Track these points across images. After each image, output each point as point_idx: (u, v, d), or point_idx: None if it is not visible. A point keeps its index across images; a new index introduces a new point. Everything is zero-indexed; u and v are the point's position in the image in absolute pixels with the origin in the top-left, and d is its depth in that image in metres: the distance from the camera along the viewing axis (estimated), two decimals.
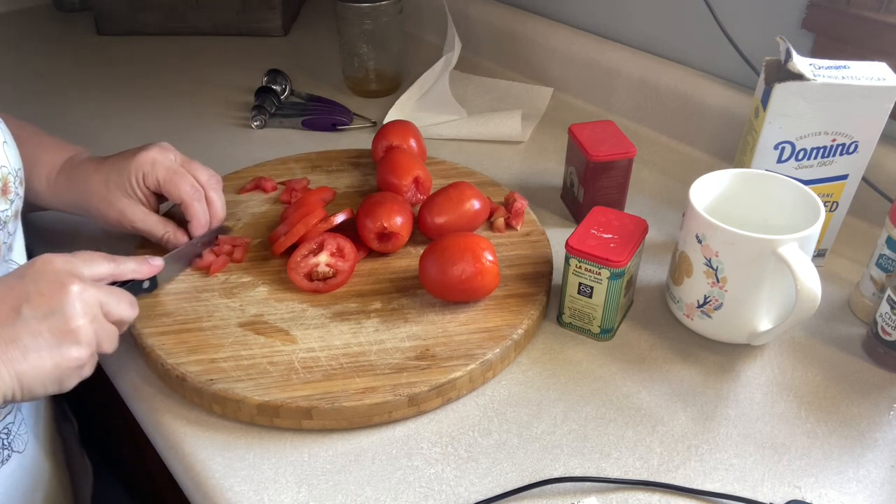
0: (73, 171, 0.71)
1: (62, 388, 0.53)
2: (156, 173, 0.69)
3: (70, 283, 0.52)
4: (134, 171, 0.68)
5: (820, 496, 0.54)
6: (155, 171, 0.69)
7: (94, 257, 0.57)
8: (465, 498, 0.54)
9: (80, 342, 0.52)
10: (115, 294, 0.56)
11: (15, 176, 0.60)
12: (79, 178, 0.70)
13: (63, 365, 0.51)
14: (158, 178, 0.69)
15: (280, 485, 0.55)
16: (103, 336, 0.54)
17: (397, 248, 0.72)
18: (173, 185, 0.69)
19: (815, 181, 0.68)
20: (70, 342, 0.51)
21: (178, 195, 0.69)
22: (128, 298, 0.57)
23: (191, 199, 0.69)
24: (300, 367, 0.60)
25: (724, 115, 0.89)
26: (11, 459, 0.63)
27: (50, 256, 0.54)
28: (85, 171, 0.70)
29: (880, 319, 0.63)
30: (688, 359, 0.65)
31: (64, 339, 0.51)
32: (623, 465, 0.56)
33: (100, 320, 0.54)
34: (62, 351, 0.51)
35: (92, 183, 0.69)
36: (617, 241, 0.63)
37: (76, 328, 0.52)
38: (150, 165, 0.69)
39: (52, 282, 0.52)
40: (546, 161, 0.93)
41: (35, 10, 1.41)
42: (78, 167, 0.71)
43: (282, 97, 1.06)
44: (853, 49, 0.77)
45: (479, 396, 0.61)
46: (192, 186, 0.69)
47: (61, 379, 0.52)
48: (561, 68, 1.07)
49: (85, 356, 0.52)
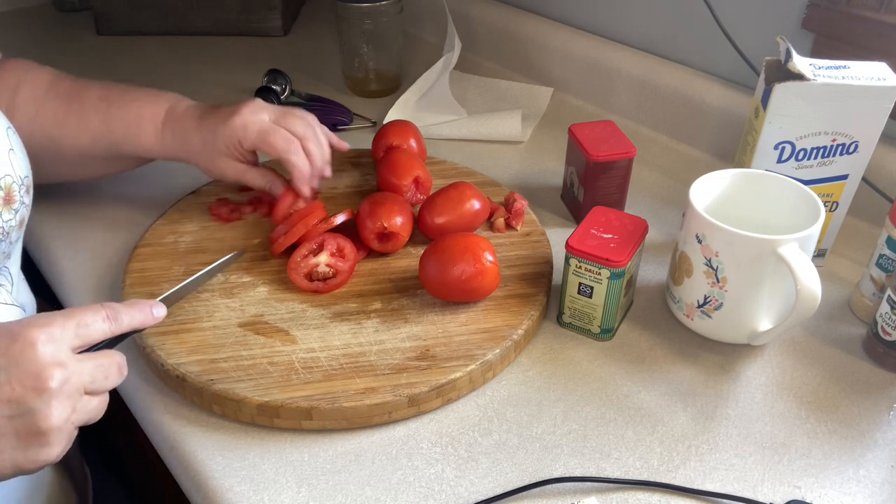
0: (176, 126, 0.73)
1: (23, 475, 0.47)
2: (249, 138, 0.71)
3: (49, 378, 0.44)
4: (228, 136, 0.71)
5: (820, 496, 0.54)
6: (247, 135, 0.71)
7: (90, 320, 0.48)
8: (465, 498, 0.54)
9: (51, 444, 0.45)
10: (104, 367, 0.48)
11: (20, 185, 0.60)
12: (182, 133, 0.72)
13: (25, 466, 0.45)
14: (252, 139, 0.71)
15: (280, 485, 0.55)
16: (86, 417, 0.48)
17: (397, 249, 0.72)
18: (267, 145, 0.71)
19: (815, 181, 0.68)
20: (39, 444, 0.45)
21: (275, 150, 0.71)
22: (116, 364, 0.49)
23: (286, 153, 0.71)
24: (300, 368, 0.60)
25: (724, 115, 0.89)
26: None
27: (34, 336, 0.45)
28: (186, 127, 0.72)
29: (880, 319, 0.63)
30: (688, 359, 0.65)
31: (31, 442, 0.45)
32: (623, 465, 0.56)
33: (83, 404, 0.47)
34: (27, 454, 0.45)
35: (193, 142, 0.72)
36: (617, 241, 0.63)
37: (48, 430, 0.45)
38: (242, 130, 0.70)
39: (29, 373, 0.44)
40: (546, 161, 0.93)
41: (35, 10, 1.41)
42: (180, 121, 0.73)
43: (282, 97, 1.06)
44: (853, 49, 0.77)
45: (479, 396, 0.61)
46: (285, 140, 0.71)
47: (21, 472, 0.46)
48: (561, 68, 1.07)
49: (54, 455, 0.46)
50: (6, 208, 0.58)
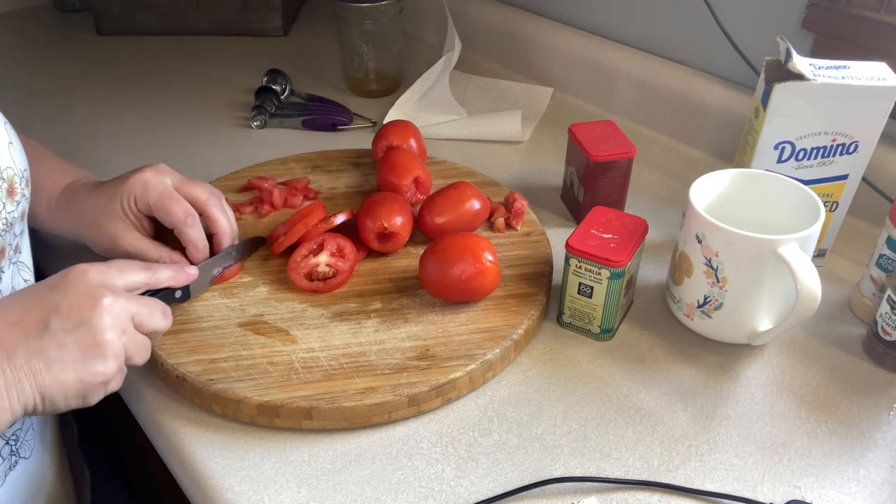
0: (72, 198, 0.69)
1: (86, 402, 0.52)
2: (147, 197, 0.66)
3: (101, 296, 0.51)
4: (126, 193, 0.66)
5: (820, 496, 0.54)
6: (147, 194, 0.66)
7: (129, 266, 0.56)
8: (465, 498, 0.54)
9: (106, 356, 0.51)
10: (148, 305, 0.55)
11: (21, 177, 0.60)
12: (76, 204, 0.69)
13: (87, 379, 0.50)
14: (150, 201, 0.66)
15: (280, 485, 0.55)
16: (133, 349, 0.53)
17: (397, 248, 0.72)
18: (164, 210, 0.66)
19: (815, 181, 0.68)
20: (96, 356, 0.50)
21: (170, 220, 0.67)
22: (161, 308, 0.56)
23: (182, 224, 0.66)
24: (300, 368, 0.60)
25: (724, 115, 0.89)
26: (18, 465, 0.63)
27: (84, 267, 0.53)
28: (80, 196, 0.69)
29: (880, 319, 0.63)
30: (688, 359, 0.65)
31: (90, 353, 0.50)
32: (623, 465, 0.56)
33: (131, 333, 0.53)
34: (87, 365, 0.50)
35: (86, 207, 0.68)
36: (617, 241, 0.63)
37: (103, 342, 0.50)
38: (141, 188, 0.66)
39: (82, 294, 0.51)
40: (546, 161, 0.93)
41: (35, 10, 1.41)
42: (75, 192, 0.69)
43: (282, 97, 1.06)
44: (853, 49, 0.77)
45: (479, 396, 0.61)
46: (184, 210, 0.66)
47: (85, 393, 0.51)
48: (561, 68, 1.07)
49: (111, 371, 0.51)
50: (9, 199, 0.58)
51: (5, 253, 0.59)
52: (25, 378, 0.49)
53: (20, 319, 0.50)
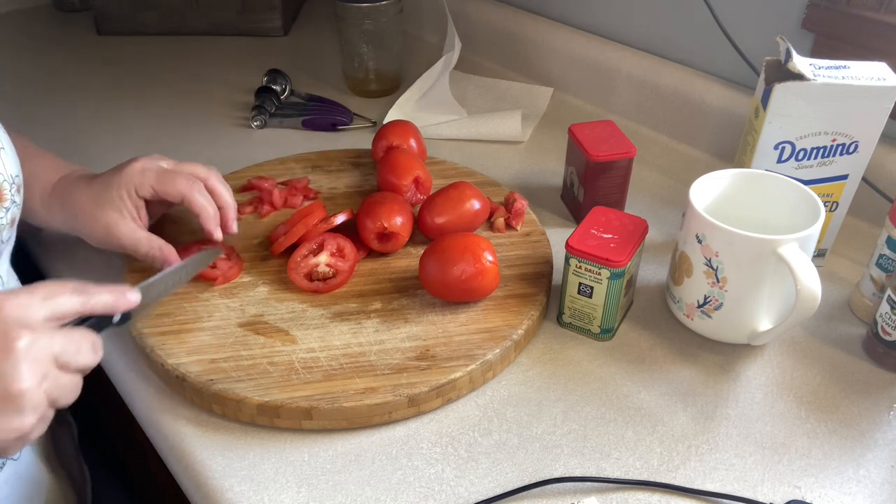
0: (65, 191, 0.69)
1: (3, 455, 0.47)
2: (147, 180, 0.66)
3: (17, 338, 0.44)
4: (123, 183, 0.66)
5: (820, 496, 0.54)
6: (145, 178, 0.66)
7: (57, 292, 0.48)
8: (465, 498, 0.54)
9: (22, 410, 0.45)
10: (75, 340, 0.48)
11: (11, 183, 0.59)
12: (69, 197, 0.68)
13: (1, 437, 0.45)
14: (151, 183, 0.66)
15: (280, 485, 0.55)
16: (58, 392, 0.47)
17: (397, 249, 0.72)
18: (168, 184, 0.66)
19: (815, 181, 0.68)
20: (11, 410, 0.44)
21: (176, 190, 0.66)
22: (89, 342, 0.49)
23: (190, 191, 0.66)
24: (300, 368, 0.60)
25: (724, 115, 0.89)
26: (6, 467, 0.62)
27: (1, 299, 0.46)
28: (75, 188, 0.68)
29: (880, 319, 0.63)
30: (688, 359, 0.65)
31: (4, 407, 0.44)
32: (623, 465, 0.56)
33: (53, 375, 0.46)
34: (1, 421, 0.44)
35: (80, 200, 0.67)
36: (617, 241, 0.63)
37: (19, 393, 0.44)
38: (139, 175, 0.66)
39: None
40: (546, 161, 0.93)
41: (35, 10, 1.41)
42: (70, 186, 0.69)
43: (282, 97, 1.06)
44: (853, 49, 0.77)
45: (479, 396, 0.61)
46: (188, 179, 0.66)
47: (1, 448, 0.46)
48: (561, 68, 1.07)
49: (29, 424, 0.45)
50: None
51: None
52: None
53: None
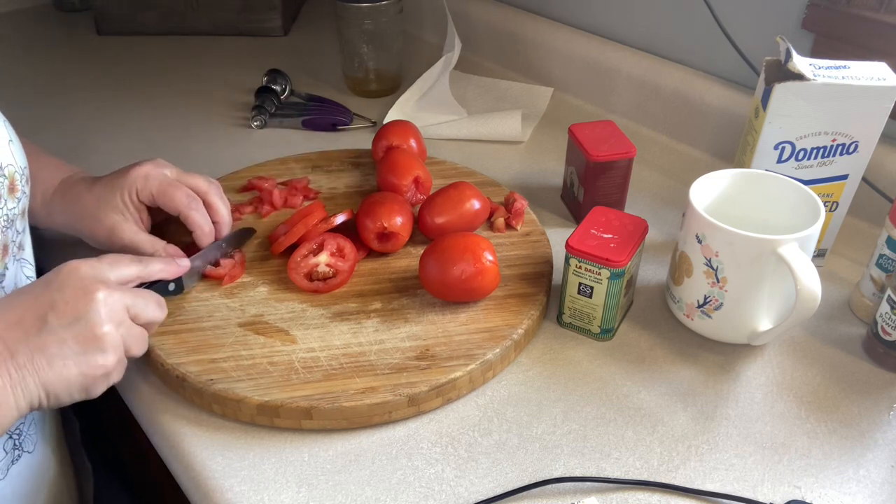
0: (67, 192, 0.70)
1: (89, 394, 0.53)
2: (149, 187, 0.68)
3: (95, 290, 0.52)
4: (127, 186, 0.68)
5: (820, 496, 0.54)
6: (148, 184, 0.68)
7: (120, 260, 0.57)
8: (465, 498, 0.54)
9: (105, 349, 0.52)
10: (143, 297, 0.56)
11: (21, 174, 0.60)
12: (72, 198, 0.69)
13: (89, 373, 0.51)
14: (152, 191, 0.68)
15: (280, 485, 0.55)
16: (131, 340, 0.54)
17: (397, 248, 0.72)
18: (168, 196, 0.68)
19: (815, 181, 0.68)
20: (95, 349, 0.51)
21: (174, 205, 0.68)
22: (155, 300, 0.57)
23: (187, 209, 0.68)
24: (300, 367, 0.60)
25: (724, 115, 0.89)
26: (21, 459, 0.63)
27: (76, 263, 0.53)
28: (78, 189, 0.70)
29: (880, 319, 0.63)
30: (688, 359, 0.65)
31: (89, 347, 0.51)
32: (623, 465, 0.56)
33: (127, 325, 0.54)
34: (87, 358, 0.51)
35: (83, 201, 0.69)
36: (617, 241, 0.63)
37: (101, 335, 0.51)
38: (143, 180, 0.68)
39: (77, 289, 0.52)
40: (546, 161, 0.93)
41: (35, 10, 1.41)
42: (72, 186, 0.70)
43: (282, 97, 1.06)
44: (853, 49, 0.77)
45: (479, 396, 0.61)
46: (187, 195, 0.68)
47: (88, 386, 0.52)
48: (561, 68, 1.07)
49: (111, 363, 0.52)
50: (10, 196, 0.59)
51: (9, 250, 0.60)
52: (29, 376, 0.50)
53: (19, 319, 0.51)
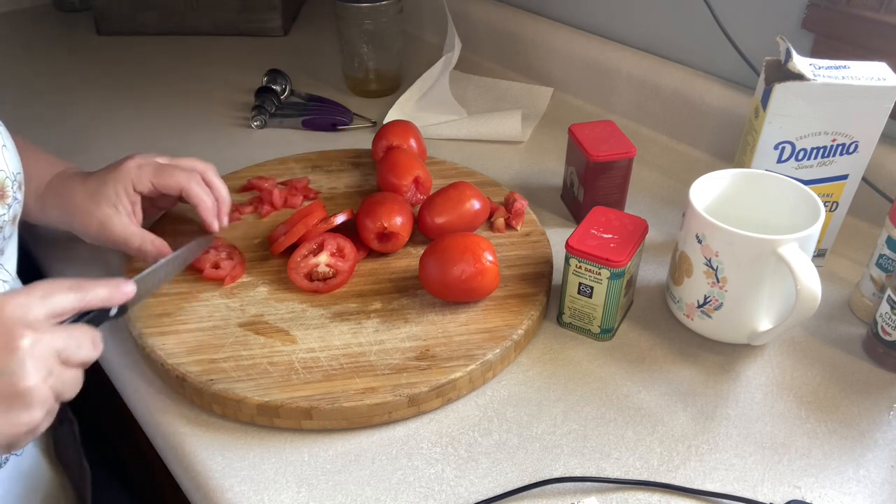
0: (60, 187, 0.70)
1: (12, 450, 0.49)
2: (145, 175, 0.67)
3: (19, 337, 0.46)
4: (120, 179, 0.67)
5: (820, 496, 0.54)
6: (143, 173, 0.67)
7: (54, 290, 0.50)
8: (465, 498, 0.54)
9: (30, 405, 0.46)
10: (75, 337, 0.49)
11: (13, 180, 0.60)
12: (65, 193, 0.69)
13: (11, 431, 0.47)
14: (150, 178, 0.67)
15: (280, 485, 0.55)
16: (61, 387, 0.49)
17: (397, 249, 0.72)
18: (166, 177, 0.67)
19: (815, 181, 0.68)
20: (19, 406, 0.46)
21: (175, 182, 0.67)
22: (90, 338, 0.51)
23: (189, 183, 0.67)
24: (300, 368, 0.60)
25: (724, 115, 0.89)
26: (9, 462, 0.62)
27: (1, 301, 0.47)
28: (70, 184, 0.69)
29: (880, 319, 0.63)
30: (688, 359, 0.65)
31: (12, 404, 0.46)
32: (623, 465, 0.56)
33: (57, 372, 0.48)
34: (10, 416, 0.46)
35: (76, 197, 0.68)
36: (617, 241, 0.63)
37: (26, 390, 0.46)
38: (136, 170, 0.67)
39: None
40: (546, 161, 0.93)
41: (35, 10, 1.41)
42: (65, 182, 0.70)
43: (282, 97, 1.06)
44: (853, 49, 0.77)
45: (479, 396, 0.61)
46: (186, 172, 0.68)
47: (11, 444, 0.48)
48: (561, 68, 1.07)
49: (37, 419, 0.47)
50: (1, 203, 0.58)
51: None
52: None
53: None
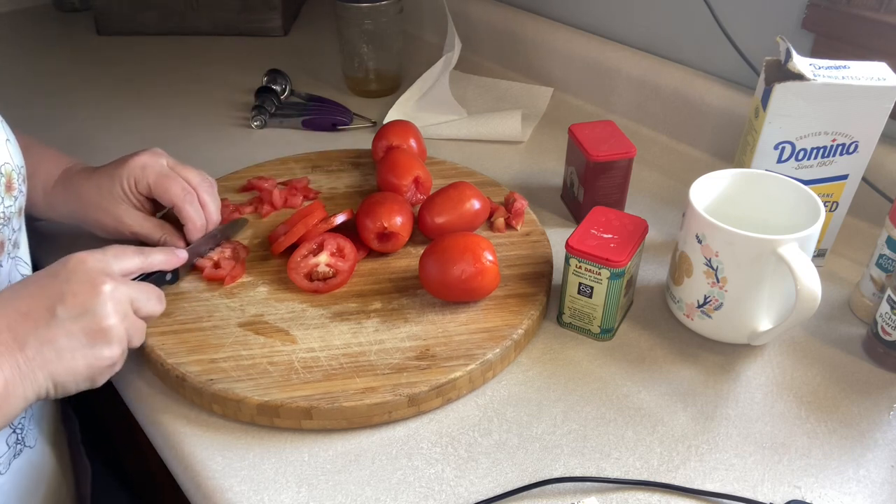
0: (69, 182, 0.71)
1: (94, 384, 0.54)
2: (146, 177, 0.69)
3: (102, 283, 0.53)
4: (126, 176, 0.69)
5: (820, 496, 0.54)
6: (145, 175, 0.69)
7: (125, 252, 0.59)
8: (465, 498, 0.54)
9: (111, 342, 0.53)
10: (145, 291, 0.57)
11: (18, 173, 0.61)
12: (74, 188, 0.70)
13: (95, 364, 0.53)
14: (149, 181, 0.69)
15: (280, 485, 0.55)
16: (133, 332, 0.56)
17: (397, 248, 0.72)
18: (163, 188, 0.69)
19: (815, 181, 0.68)
20: (102, 342, 0.53)
21: (169, 198, 0.69)
22: (156, 294, 0.59)
23: (182, 202, 0.69)
24: (300, 367, 0.60)
25: (724, 115, 0.89)
26: (23, 454, 0.63)
27: (83, 255, 0.55)
28: (78, 180, 0.71)
29: (880, 319, 0.63)
30: (688, 359, 0.65)
31: (97, 339, 0.52)
32: (623, 465, 0.56)
33: (130, 318, 0.55)
34: (95, 351, 0.53)
35: (85, 191, 0.70)
36: (617, 241, 0.63)
37: (108, 328, 0.53)
38: (140, 170, 0.69)
39: (84, 282, 0.53)
40: (546, 161, 0.93)
41: (35, 10, 1.41)
42: (74, 178, 0.71)
43: (282, 97, 1.06)
44: (853, 49, 0.77)
45: (479, 396, 0.61)
46: (182, 189, 0.69)
47: (93, 377, 0.54)
48: (561, 68, 1.07)
49: (116, 355, 0.54)
50: (7, 195, 0.59)
51: (4, 247, 0.60)
52: (38, 368, 0.51)
53: (28, 310, 0.52)
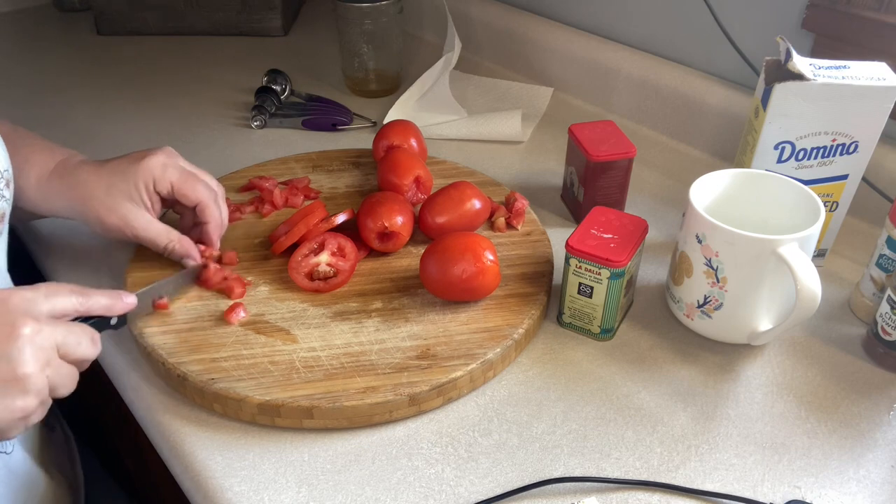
0: (68, 175, 0.68)
1: (3, 437, 0.49)
2: (168, 177, 0.67)
3: (22, 326, 0.48)
4: (142, 175, 0.66)
5: (820, 496, 0.54)
6: (167, 175, 0.67)
7: (58, 291, 0.52)
8: (465, 498, 0.54)
9: (27, 391, 0.48)
10: (75, 333, 0.51)
11: (0, 177, 0.59)
12: (75, 181, 0.67)
13: (6, 416, 0.48)
14: (172, 181, 0.67)
15: (280, 485, 0.55)
16: (58, 380, 0.50)
17: (398, 248, 0.72)
18: (189, 187, 0.67)
19: (815, 181, 0.68)
20: (16, 391, 0.47)
21: (196, 196, 0.68)
22: (89, 336, 0.53)
23: (208, 200, 0.68)
24: (301, 367, 0.60)
25: (724, 115, 0.89)
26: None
27: (6, 293, 0.49)
28: (82, 174, 0.67)
29: (880, 319, 0.63)
30: (688, 359, 0.65)
31: (10, 388, 0.47)
32: (623, 465, 0.56)
33: (55, 364, 0.50)
34: (6, 401, 0.47)
35: (91, 187, 0.66)
36: (617, 241, 0.63)
37: (24, 376, 0.47)
38: (160, 169, 0.67)
39: (3, 324, 0.48)
40: (546, 161, 0.93)
41: (35, 10, 1.41)
42: (74, 170, 0.68)
43: (282, 97, 1.06)
44: (853, 49, 0.77)
45: (480, 396, 0.62)
46: (207, 188, 0.68)
47: (3, 430, 0.48)
48: (561, 68, 1.07)
49: (32, 406, 0.48)
50: None
51: None
52: None
53: None
